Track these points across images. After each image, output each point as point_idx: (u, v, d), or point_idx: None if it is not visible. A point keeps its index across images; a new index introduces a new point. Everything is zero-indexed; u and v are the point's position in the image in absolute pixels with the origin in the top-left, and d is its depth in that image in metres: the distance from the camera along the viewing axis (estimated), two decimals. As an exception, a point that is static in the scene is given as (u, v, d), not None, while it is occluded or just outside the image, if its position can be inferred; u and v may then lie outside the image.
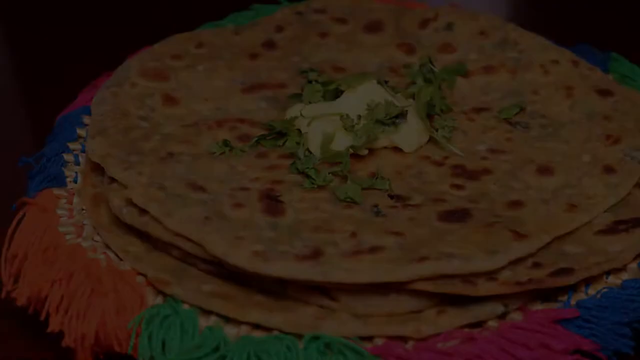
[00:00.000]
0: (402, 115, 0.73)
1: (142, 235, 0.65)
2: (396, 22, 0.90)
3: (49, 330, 0.57)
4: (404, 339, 0.60)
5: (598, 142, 0.75)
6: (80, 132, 0.78)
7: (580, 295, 0.63)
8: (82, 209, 0.68)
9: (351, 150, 0.71)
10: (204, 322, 0.59)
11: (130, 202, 0.65)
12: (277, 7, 0.93)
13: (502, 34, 0.86)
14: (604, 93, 0.81)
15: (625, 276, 0.65)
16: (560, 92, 0.81)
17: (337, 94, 0.76)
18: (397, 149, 0.74)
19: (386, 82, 0.77)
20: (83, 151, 0.76)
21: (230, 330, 0.59)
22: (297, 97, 0.80)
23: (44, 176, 0.70)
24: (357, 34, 0.88)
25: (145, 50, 0.85)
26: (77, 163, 0.74)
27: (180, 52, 0.85)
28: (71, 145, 0.75)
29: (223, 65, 0.84)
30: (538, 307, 0.62)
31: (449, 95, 0.82)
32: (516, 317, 0.62)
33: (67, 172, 0.75)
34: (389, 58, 0.86)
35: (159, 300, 0.60)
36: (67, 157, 0.74)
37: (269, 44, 0.87)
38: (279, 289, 0.60)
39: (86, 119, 0.79)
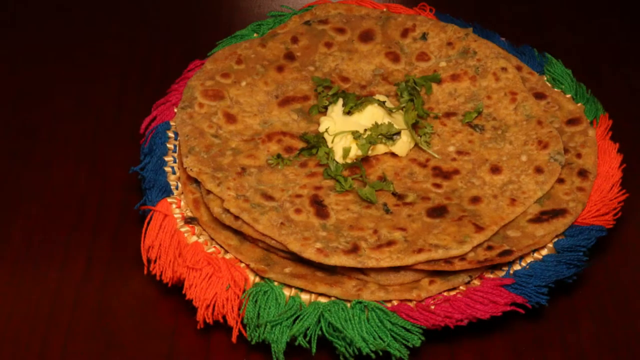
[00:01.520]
0: (397, 133, 0.90)
1: (235, 231, 0.84)
2: (383, 31, 0.99)
3: (187, 298, 0.83)
4: (409, 300, 0.81)
5: (532, 146, 0.89)
6: (169, 145, 0.92)
7: (516, 266, 0.84)
8: (189, 212, 0.88)
9: (360, 157, 0.88)
10: (287, 293, 0.81)
11: (226, 210, 0.84)
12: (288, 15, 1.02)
13: (464, 45, 0.97)
14: (539, 96, 0.93)
15: (544, 252, 0.85)
16: (507, 96, 0.93)
17: (350, 108, 0.91)
18: (393, 154, 0.90)
19: (384, 102, 0.92)
20: (175, 161, 0.91)
21: (305, 298, 0.81)
22: (315, 107, 0.93)
23: (159, 188, 0.89)
24: (354, 43, 0.98)
25: (200, 70, 0.95)
26: (174, 173, 0.90)
27: (226, 69, 0.94)
28: (166, 158, 0.91)
29: (260, 80, 0.94)
30: (489, 275, 0.83)
31: (426, 100, 0.94)
32: (476, 283, 0.83)
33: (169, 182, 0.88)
34: (379, 66, 0.97)
35: (257, 279, 0.84)
36: (166, 169, 0.90)
37: (289, 56, 0.97)
38: (332, 269, 0.83)
39: (169, 133, 0.93)
